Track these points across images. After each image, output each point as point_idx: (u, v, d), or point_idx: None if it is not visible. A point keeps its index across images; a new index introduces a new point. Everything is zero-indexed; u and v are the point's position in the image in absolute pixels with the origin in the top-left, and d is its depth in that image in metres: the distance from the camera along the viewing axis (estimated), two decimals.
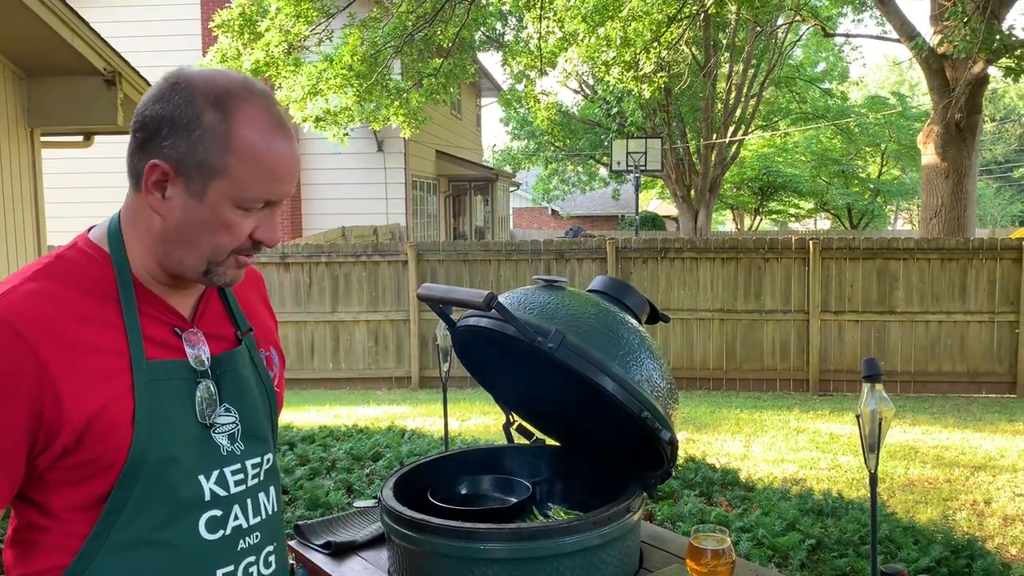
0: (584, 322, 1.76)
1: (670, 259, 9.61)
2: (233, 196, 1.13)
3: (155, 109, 1.12)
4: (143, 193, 1.15)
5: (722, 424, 7.68)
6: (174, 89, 1.12)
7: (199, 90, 1.11)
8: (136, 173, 1.15)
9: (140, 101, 1.16)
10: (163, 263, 1.18)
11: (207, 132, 1.10)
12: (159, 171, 1.12)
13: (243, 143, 1.11)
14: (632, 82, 13.29)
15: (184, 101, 1.11)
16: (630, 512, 1.74)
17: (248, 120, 1.12)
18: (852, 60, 52.77)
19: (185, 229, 1.14)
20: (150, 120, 1.12)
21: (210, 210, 1.13)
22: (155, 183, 1.13)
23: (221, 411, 1.24)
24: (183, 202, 1.13)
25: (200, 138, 1.10)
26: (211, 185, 1.12)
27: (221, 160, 1.11)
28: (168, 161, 1.11)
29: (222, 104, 1.11)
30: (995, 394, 9.12)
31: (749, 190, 27.84)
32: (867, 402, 1.79)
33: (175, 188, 1.13)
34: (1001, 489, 5.68)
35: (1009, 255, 9.04)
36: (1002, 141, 40.16)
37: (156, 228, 1.16)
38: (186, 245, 1.15)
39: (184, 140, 1.10)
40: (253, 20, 11.51)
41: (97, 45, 4.80)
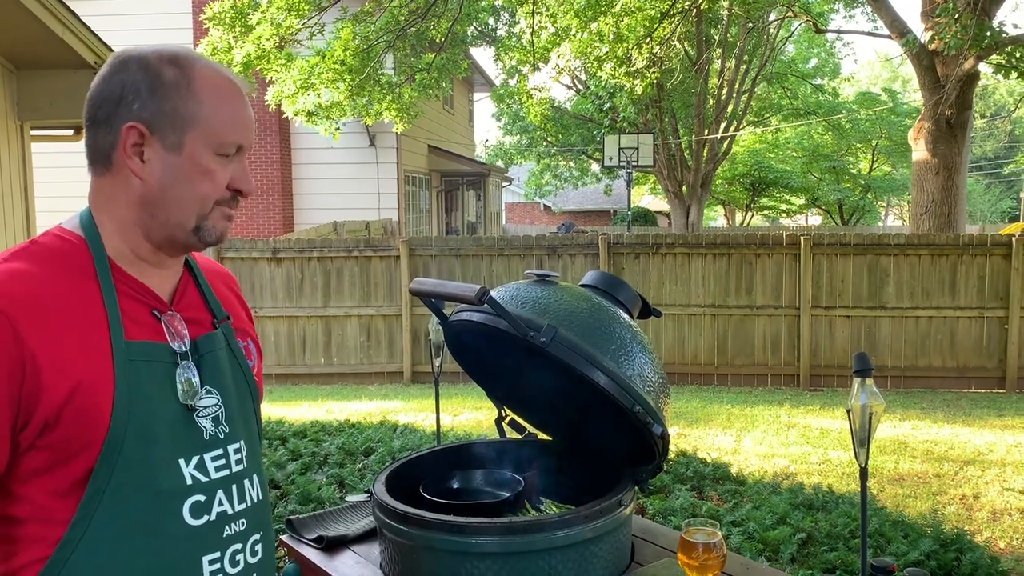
0: (576, 317, 1.76)
1: (662, 255, 9.63)
2: (210, 141, 1.18)
3: (111, 84, 1.16)
4: (121, 162, 1.17)
5: (713, 419, 7.70)
6: (125, 63, 1.17)
7: (151, 56, 1.17)
8: (101, 150, 1.18)
9: (92, 89, 1.19)
10: (150, 232, 1.20)
11: (172, 87, 1.16)
12: (135, 132, 1.15)
13: (208, 91, 1.18)
14: (624, 78, 13.29)
15: (140, 67, 1.16)
16: (621, 506, 1.75)
17: (205, 72, 1.19)
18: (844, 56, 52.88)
19: (169, 185, 1.17)
20: (109, 94, 1.16)
21: (190, 160, 1.17)
22: (133, 146, 1.16)
23: (203, 393, 1.24)
24: (162, 159, 1.17)
25: (166, 94, 1.16)
26: (187, 135, 1.17)
27: (191, 109, 1.16)
28: (141, 122, 1.15)
29: (177, 62, 1.17)
30: (984, 389, 9.17)
31: (741, 186, 27.89)
32: (857, 396, 1.80)
33: (151, 149, 1.16)
34: (990, 483, 5.72)
35: (998, 251, 9.09)
36: (992, 137, 40.34)
37: (137, 195, 1.18)
38: (172, 203, 1.18)
39: (151, 99, 1.15)
40: (244, 13, 11.47)
41: (87, 38, 4.77)
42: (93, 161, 1.20)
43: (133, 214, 1.19)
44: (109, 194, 1.20)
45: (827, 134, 25.87)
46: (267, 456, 4.08)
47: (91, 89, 1.19)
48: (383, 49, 12.31)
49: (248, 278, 9.76)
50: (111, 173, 1.19)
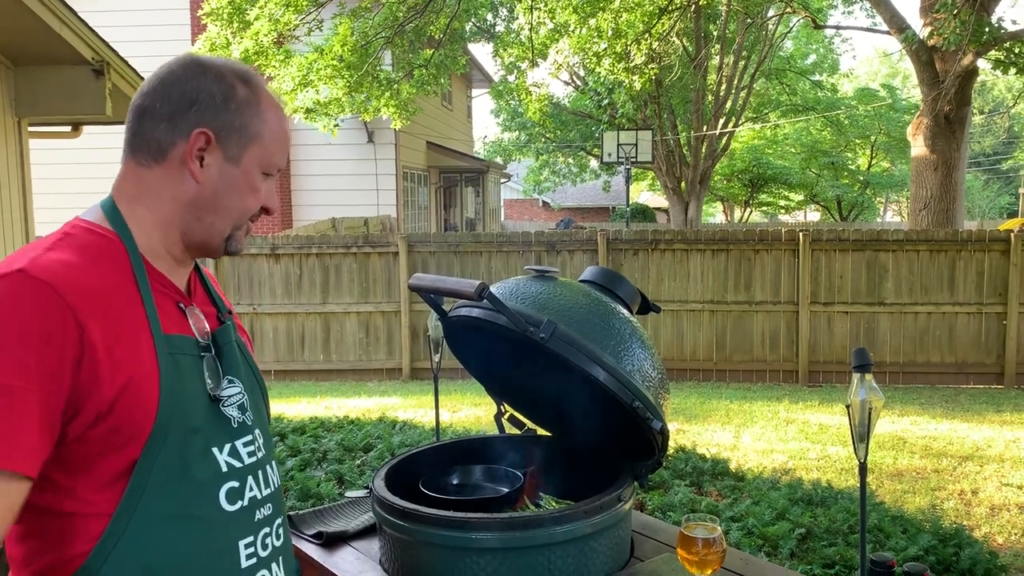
0: (576, 312, 1.76)
1: (660, 251, 9.62)
2: (262, 161, 1.27)
3: (185, 86, 1.22)
4: (179, 160, 1.22)
5: (712, 415, 7.71)
6: (203, 69, 1.24)
7: (226, 70, 1.25)
8: (157, 144, 1.22)
9: (156, 82, 1.24)
10: (188, 232, 1.26)
11: (243, 104, 1.24)
12: (204, 138, 1.22)
13: (269, 115, 1.27)
14: (623, 73, 13.28)
15: (216, 78, 1.23)
16: (621, 502, 1.75)
17: (268, 97, 1.29)
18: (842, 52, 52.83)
19: (222, 193, 1.25)
20: (181, 95, 1.22)
21: (244, 174, 1.25)
22: (200, 150, 1.22)
23: (225, 383, 1.28)
24: (220, 167, 1.24)
25: (238, 109, 1.24)
26: (247, 150, 1.25)
27: (255, 128, 1.25)
28: (212, 129, 1.22)
29: (248, 81, 1.26)
30: (983, 385, 9.18)
31: (739, 182, 27.88)
32: (857, 392, 1.80)
33: (213, 156, 1.23)
34: (988, 479, 5.73)
35: (997, 247, 9.09)
36: (991, 133, 40.33)
37: (188, 195, 1.23)
38: (219, 209, 1.25)
39: (223, 111, 1.23)
40: (242, 9, 11.44)
41: (85, 34, 4.76)
42: (139, 151, 1.23)
43: (177, 212, 1.24)
44: (154, 187, 1.23)
45: (826, 130, 25.85)
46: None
47: (155, 83, 1.24)
48: (381, 45, 12.29)
49: (247, 275, 9.76)
50: (162, 167, 1.23)
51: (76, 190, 14.21)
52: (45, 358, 1.06)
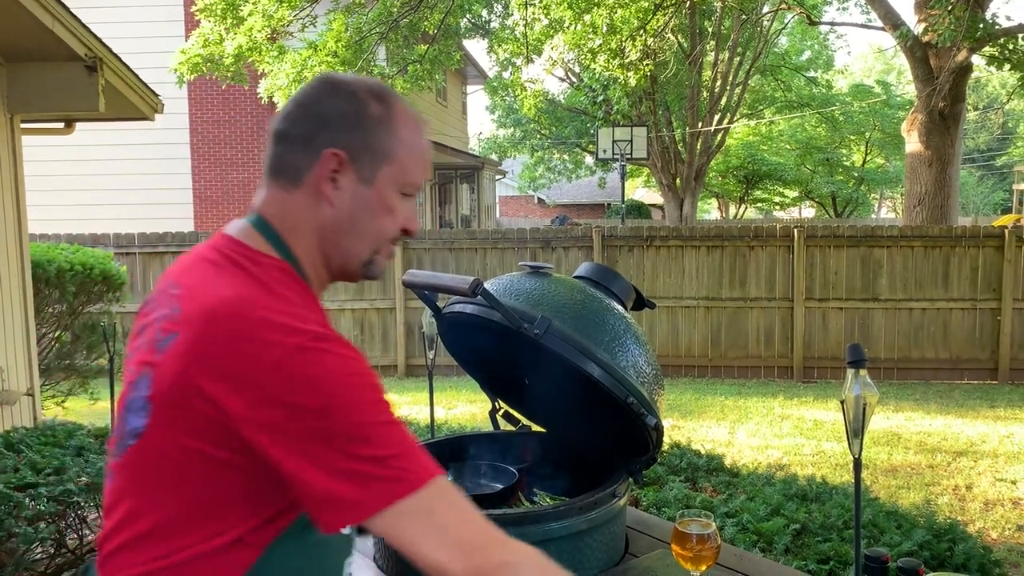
0: (570, 308, 1.76)
1: (656, 247, 9.63)
2: (398, 180, 1.22)
3: (318, 107, 1.19)
4: (314, 184, 1.18)
5: (707, 411, 7.72)
6: (335, 89, 1.20)
7: (359, 88, 1.21)
8: (293, 167, 1.19)
9: (293, 105, 1.22)
10: (330, 259, 1.22)
11: (376, 122, 1.19)
12: (336, 159, 1.17)
13: (404, 132, 1.22)
14: (618, 70, 13.27)
15: (348, 97, 1.19)
16: (616, 497, 1.75)
17: (403, 112, 1.22)
18: (837, 48, 52.98)
19: (357, 215, 1.20)
20: (315, 116, 1.19)
21: (378, 195, 1.20)
22: (333, 171, 1.18)
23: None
24: (354, 189, 1.19)
25: (370, 127, 1.19)
26: (380, 170, 1.20)
27: (389, 146, 1.20)
28: (343, 149, 1.17)
29: (382, 98, 1.21)
30: (977, 380, 9.21)
31: (734, 178, 27.90)
32: (851, 387, 1.80)
33: (346, 176, 1.18)
34: (982, 474, 5.75)
35: (991, 243, 9.11)
36: (985, 129, 40.42)
37: (324, 220, 1.19)
38: (356, 233, 1.21)
39: (356, 130, 1.18)
40: (236, 5, 11.41)
41: (78, 30, 4.73)
42: (280, 174, 1.20)
43: (319, 237, 1.21)
44: (297, 213, 1.20)
45: (820, 126, 25.88)
46: None
47: (292, 106, 1.22)
48: (376, 41, 12.27)
49: None
50: (299, 192, 1.19)
51: (68, 187, 14.18)
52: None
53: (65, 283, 6.00)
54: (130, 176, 14.43)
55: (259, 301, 1.09)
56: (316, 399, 1.02)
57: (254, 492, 1.10)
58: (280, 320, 1.06)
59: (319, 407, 1.02)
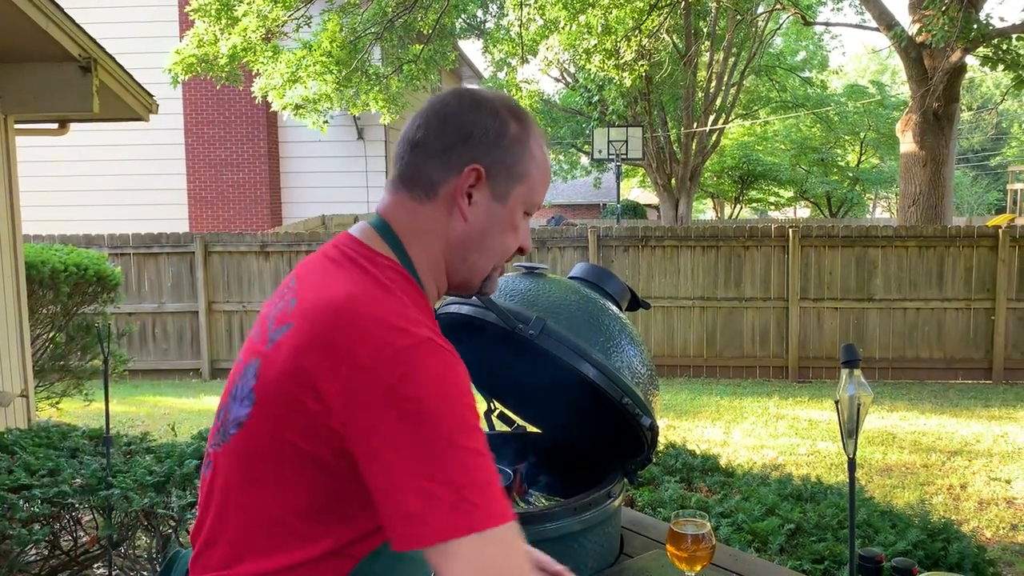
0: (565, 309, 1.76)
1: (651, 247, 9.64)
2: (526, 200, 1.23)
3: (461, 120, 1.19)
4: (449, 197, 1.18)
5: (702, 411, 7.73)
6: (479, 104, 1.20)
7: (501, 104, 1.22)
8: (428, 178, 1.18)
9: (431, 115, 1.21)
10: (453, 272, 1.22)
11: (515, 141, 1.20)
12: (475, 174, 1.17)
13: (537, 153, 1.23)
14: (613, 70, 13.28)
15: (492, 114, 1.19)
16: (611, 498, 1.75)
17: (538, 135, 1.24)
18: (832, 49, 53.08)
19: (488, 232, 1.21)
20: (456, 128, 1.18)
21: (509, 213, 1.21)
22: (470, 187, 1.18)
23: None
24: (487, 206, 1.19)
25: (509, 146, 1.19)
26: (514, 189, 1.21)
27: (524, 166, 1.21)
28: (484, 165, 1.17)
29: (520, 118, 1.22)
30: (971, 380, 9.23)
31: (729, 178, 27.92)
32: (845, 388, 1.80)
33: (481, 192, 1.19)
34: (977, 474, 5.76)
35: (985, 243, 9.14)
36: (979, 130, 40.53)
37: (457, 234, 1.19)
38: (484, 249, 1.22)
39: (496, 148, 1.18)
40: (230, 5, 11.39)
41: (71, 31, 4.72)
42: (413, 184, 1.19)
43: (446, 250, 1.20)
44: (427, 224, 1.19)
45: (815, 127, 25.92)
46: None
47: (430, 115, 1.20)
48: (370, 41, 12.26)
49: (235, 273, 9.72)
50: (432, 203, 1.18)
51: (63, 188, 14.15)
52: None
53: (59, 284, 5.98)
54: (124, 177, 14.40)
55: (374, 298, 1.08)
56: (411, 404, 0.99)
57: (353, 500, 1.07)
58: (393, 320, 1.05)
59: (414, 412, 0.99)
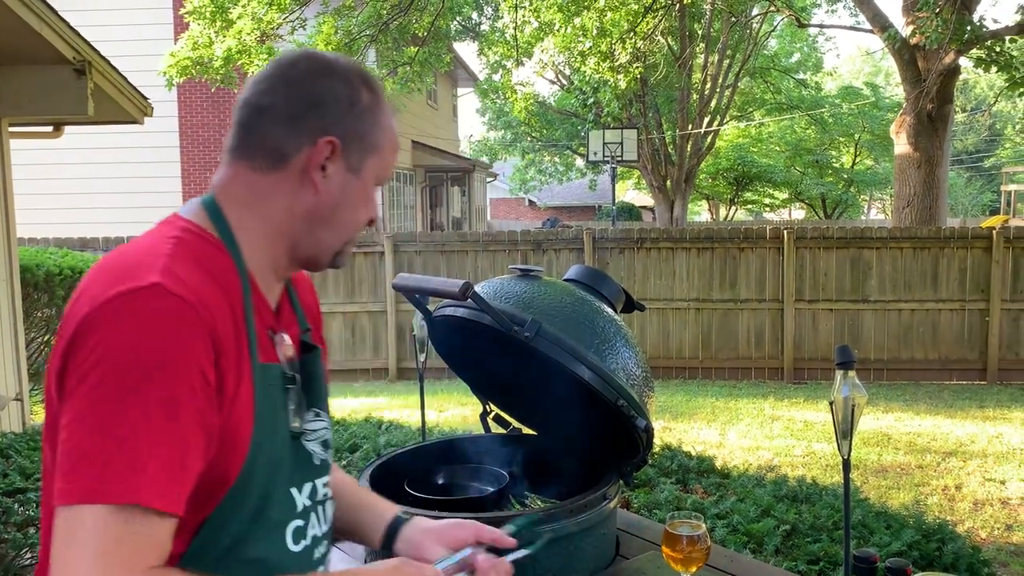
0: (560, 311, 1.76)
1: (646, 249, 9.65)
2: (378, 171, 1.17)
3: (312, 86, 1.10)
4: (300, 168, 1.10)
5: (698, 412, 7.73)
6: (328, 69, 1.12)
7: (353, 71, 1.14)
8: (275, 148, 1.10)
9: (276, 79, 1.12)
10: (298, 246, 1.14)
11: (367, 110, 1.13)
12: (331, 147, 1.10)
13: (387, 122, 1.17)
14: (608, 72, 13.30)
15: (343, 81, 1.12)
16: (606, 500, 1.75)
17: (386, 103, 1.18)
18: (826, 51, 53.13)
19: (340, 205, 1.13)
20: (307, 96, 1.10)
21: (363, 185, 1.15)
22: (324, 160, 1.11)
23: (311, 416, 1.18)
24: (342, 178, 1.13)
25: (361, 114, 1.13)
26: (367, 160, 1.14)
27: (375, 137, 1.15)
28: (338, 136, 1.11)
29: (371, 85, 1.15)
30: (966, 381, 9.26)
31: (724, 180, 27.96)
32: (840, 389, 1.81)
33: (335, 166, 1.12)
34: (971, 474, 5.78)
35: (979, 244, 9.17)
36: (973, 131, 40.66)
37: (305, 207, 1.12)
38: (335, 223, 1.14)
39: (348, 117, 1.11)
40: (225, 7, 11.39)
41: (66, 33, 4.72)
42: (254, 153, 1.11)
43: (290, 224, 1.12)
44: (268, 195, 1.11)
45: (810, 128, 25.97)
46: None
47: (275, 79, 1.12)
48: (365, 43, 12.26)
49: None
50: (278, 174, 1.10)
51: (58, 191, 14.11)
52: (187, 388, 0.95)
53: (54, 287, 5.97)
54: (119, 179, 14.36)
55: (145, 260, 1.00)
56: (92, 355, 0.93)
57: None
58: (116, 274, 0.98)
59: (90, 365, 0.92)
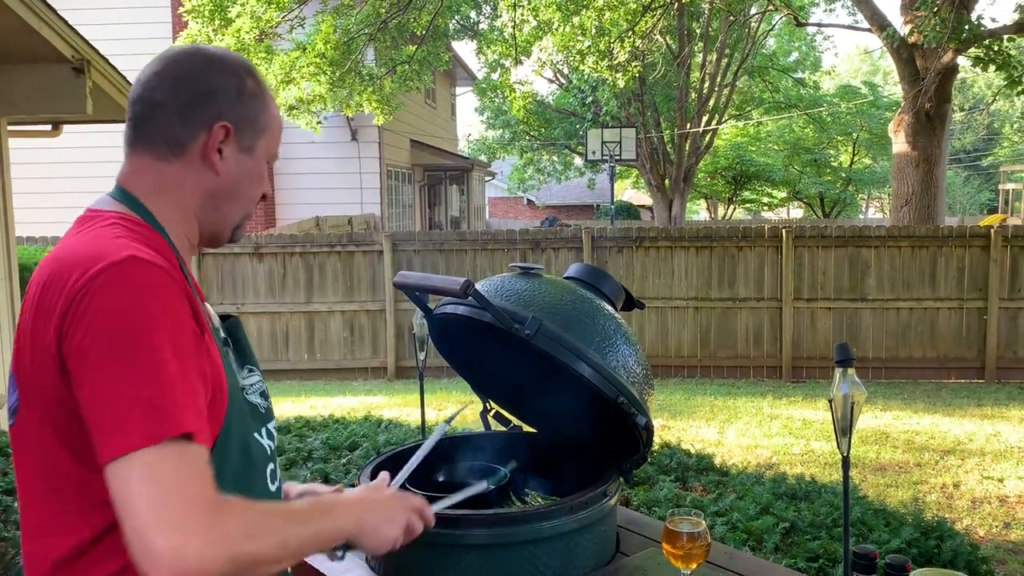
0: (560, 309, 1.76)
1: (645, 248, 9.65)
2: (269, 150, 1.31)
3: (199, 79, 1.22)
4: (199, 153, 1.22)
5: (697, 411, 7.74)
6: (211, 61, 1.25)
7: (234, 62, 1.27)
8: (173, 137, 1.21)
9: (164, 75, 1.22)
10: (205, 222, 1.27)
11: (253, 96, 1.27)
12: (224, 131, 1.23)
13: (272, 105, 1.31)
14: (607, 71, 13.31)
15: (229, 71, 1.25)
16: (606, 497, 1.75)
17: (268, 88, 1.32)
18: (824, 50, 53.22)
19: (239, 182, 1.27)
20: (196, 88, 1.22)
21: (256, 163, 1.29)
22: (219, 143, 1.23)
23: (246, 372, 1.32)
24: (237, 158, 1.25)
25: (249, 101, 1.26)
26: (259, 141, 1.28)
27: (264, 120, 1.28)
28: (230, 121, 1.23)
29: (253, 74, 1.29)
30: (964, 379, 9.27)
31: (723, 179, 27.98)
32: (839, 386, 1.81)
33: (229, 148, 1.24)
34: (969, 472, 5.79)
35: (977, 243, 9.17)
36: (971, 130, 40.69)
37: (208, 188, 1.24)
38: (236, 199, 1.28)
39: (238, 103, 1.24)
40: (224, 6, 11.38)
41: (64, 32, 4.71)
42: (154, 145, 1.22)
43: (197, 204, 1.25)
44: (176, 181, 1.23)
45: (808, 127, 25.98)
46: None
47: (163, 76, 1.22)
48: (364, 42, 12.26)
49: (230, 274, 9.71)
50: (181, 161, 1.22)
51: (57, 189, 14.10)
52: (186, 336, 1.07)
53: None
54: None
55: (76, 244, 1.12)
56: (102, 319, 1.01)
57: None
58: (88, 250, 1.08)
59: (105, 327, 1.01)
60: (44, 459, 1.09)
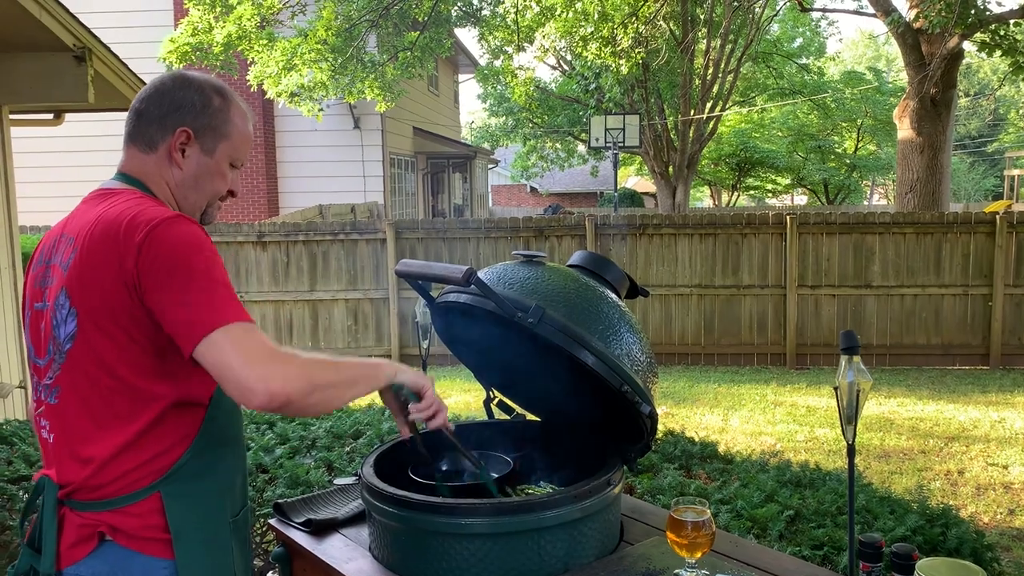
0: (564, 297, 1.75)
1: (649, 235, 9.63)
2: (231, 155, 1.67)
3: (174, 95, 1.61)
4: (166, 153, 1.61)
5: (701, 398, 7.74)
6: (187, 84, 1.63)
7: (207, 84, 1.65)
8: (149, 136, 1.62)
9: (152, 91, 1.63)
10: (181, 206, 1.65)
11: (217, 110, 1.64)
12: (186, 135, 1.61)
13: (237, 118, 1.68)
14: (610, 58, 13.24)
15: (197, 90, 1.63)
16: (610, 486, 1.75)
17: (237, 106, 1.69)
18: (829, 35, 52.89)
19: (199, 176, 1.65)
20: (170, 101, 1.61)
21: (216, 163, 1.65)
22: (182, 144, 1.61)
23: None
24: (198, 158, 1.63)
25: (212, 115, 1.63)
26: (219, 145, 1.65)
27: (225, 129, 1.65)
28: (192, 128, 1.61)
29: (222, 94, 1.66)
30: (969, 366, 9.25)
31: (727, 166, 27.89)
32: (845, 374, 1.80)
33: (192, 149, 1.62)
34: (974, 459, 5.78)
35: (983, 229, 9.14)
36: (976, 116, 40.49)
37: (176, 179, 1.63)
38: (198, 189, 1.65)
39: (202, 115, 1.62)
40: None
41: (66, 20, 4.69)
42: (138, 142, 1.63)
43: (170, 191, 1.64)
44: (153, 170, 1.62)
45: (812, 114, 25.86)
46: (255, 440, 4.08)
47: (151, 91, 1.63)
48: (366, 28, 12.21)
49: (233, 262, 9.70)
50: (155, 155, 1.62)
51: (59, 179, 14.10)
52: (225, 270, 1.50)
53: None
54: None
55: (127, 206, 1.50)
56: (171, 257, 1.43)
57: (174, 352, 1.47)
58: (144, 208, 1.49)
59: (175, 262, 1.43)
60: (99, 369, 1.47)
